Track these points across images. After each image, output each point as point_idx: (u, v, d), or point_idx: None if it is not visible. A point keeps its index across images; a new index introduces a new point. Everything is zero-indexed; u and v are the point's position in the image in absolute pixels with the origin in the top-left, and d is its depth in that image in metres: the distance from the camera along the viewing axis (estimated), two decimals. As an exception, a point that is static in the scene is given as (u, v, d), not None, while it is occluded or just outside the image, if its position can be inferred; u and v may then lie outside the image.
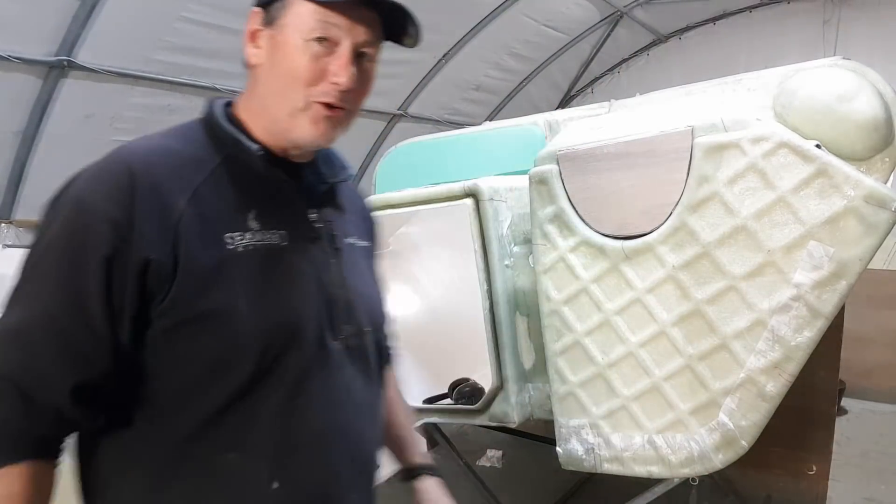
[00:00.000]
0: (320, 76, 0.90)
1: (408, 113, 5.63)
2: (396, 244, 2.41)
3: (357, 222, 1.12)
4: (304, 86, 0.90)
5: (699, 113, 1.52)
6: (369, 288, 1.09)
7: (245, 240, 0.89)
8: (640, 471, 1.59)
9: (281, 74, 0.90)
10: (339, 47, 0.90)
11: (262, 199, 0.93)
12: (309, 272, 0.95)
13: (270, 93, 0.92)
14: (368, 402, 1.04)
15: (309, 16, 0.89)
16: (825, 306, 1.36)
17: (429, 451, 3.28)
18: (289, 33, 0.89)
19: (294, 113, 0.91)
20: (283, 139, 0.94)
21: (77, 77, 3.33)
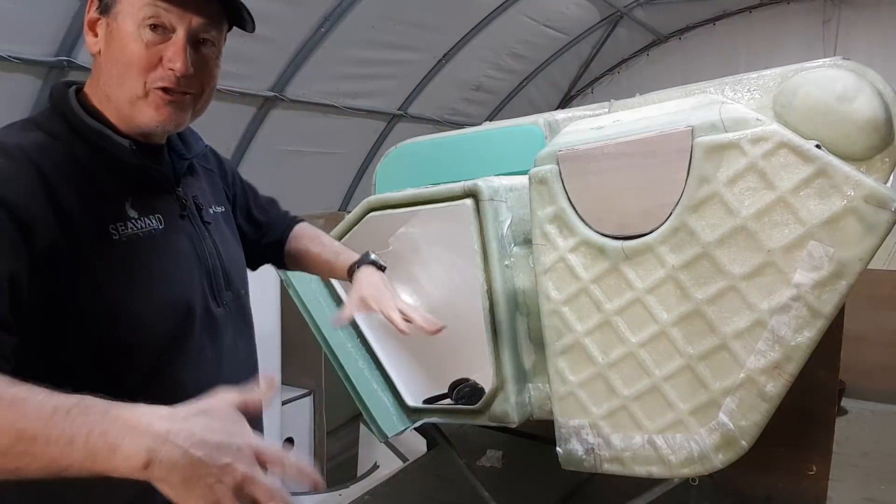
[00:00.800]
0: (156, 62, 0.91)
1: (408, 113, 5.63)
2: (396, 244, 2.41)
3: (215, 189, 1.18)
4: (140, 72, 0.91)
5: (699, 113, 1.52)
6: (236, 251, 1.16)
7: (128, 229, 0.92)
8: (640, 471, 1.59)
9: (117, 62, 0.91)
10: (175, 33, 0.92)
11: (135, 187, 0.97)
12: (188, 249, 1.01)
13: (111, 81, 0.93)
14: (248, 355, 1.14)
15: (140, 3, 0.89)
16: (825, 306, 1.36)
17: (429, 451, 3.28)
18: (122, 21, 0.90)
19: (134, 100, 0.93)
20: (130, 126, 0.96)
21: (77, 77, 3.33)
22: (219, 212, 1.16)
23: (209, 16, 0.95)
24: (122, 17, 0.91)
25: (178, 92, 0.95)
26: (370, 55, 4.74)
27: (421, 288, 2.45)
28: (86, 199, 0.89)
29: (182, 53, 0.92)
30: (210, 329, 1.03)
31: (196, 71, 0.95)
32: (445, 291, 2.44)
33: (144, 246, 0.94)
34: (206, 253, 1.05)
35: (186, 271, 1.01)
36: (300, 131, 4.84)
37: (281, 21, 3.84)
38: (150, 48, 0.91)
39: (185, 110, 0.98)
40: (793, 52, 5.74)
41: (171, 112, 0.95)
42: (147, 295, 0.93)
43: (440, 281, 2.45)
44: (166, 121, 0.96)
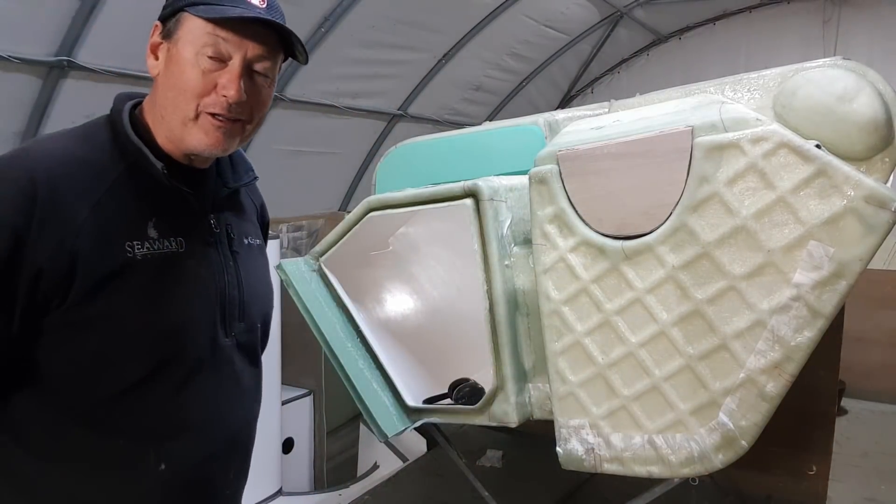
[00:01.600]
0: (210, 89, 0.95)
1: (408, 113, 5.63)
2: (396, 244, 2.41)
3: (253, 221, 1.20)
4: (194, 97, 0.95)
5: (699, 113, 1.52)
6: (263, 286, 1.17)
7: (144, 249, 0.94)
8: (640, 471, 1.59)
9: (174, 86, 0.96)
10: (231, 62, 0.96)
11: (162, 208, 0.99)
12: (205, 276, 1.02)
13: (166, 103, 0.97)
14: (252, 387, 1.15)
15: (200, 31, 0.94)
16: (825, 306, 1.36)
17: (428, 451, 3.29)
18: (182, 47, 0.95)
19: (185, 122, 0.96)
20: (180, 147, 1.00)
21: (77, 77, 3.33)
22: (254, 244, 1.17)
23: (265, 47, 0.99)
24: (182, 43, 0.95)
25: (229, 119, 0.98)
26: (370, 55, 4.74)
27: (421, 288, 2.46)
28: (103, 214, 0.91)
29: (237, 81, 0.96)
30: (211, 357, 1.04)
31: (248, 98, 0.98)
32: (445, 291, 2.44)
33: (157, 267, 0.96)
34: (225, 282, 1.06)
35: (196, 297, 1.01)
36: (300, 131, 4.84)
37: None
38: (206, 75, 0.95)
39: (233, 136, 1.01)
40: (793, 52, 5.74)
41: (221, 137, 0.98)
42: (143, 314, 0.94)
43: (440, 281, 2.45)
44: (214, 145, 0.98)
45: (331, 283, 2.15)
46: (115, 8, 3.18)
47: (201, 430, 1.03)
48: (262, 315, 1.16)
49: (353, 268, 2.21)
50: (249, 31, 0.97)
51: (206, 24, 0.94)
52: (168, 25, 0.98)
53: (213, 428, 1.05)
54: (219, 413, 1.06)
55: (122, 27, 3.21)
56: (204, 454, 1.04)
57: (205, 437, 1.04)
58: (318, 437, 4.01)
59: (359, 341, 2.12)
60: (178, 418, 1.00)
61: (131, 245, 0.93)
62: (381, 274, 2.37)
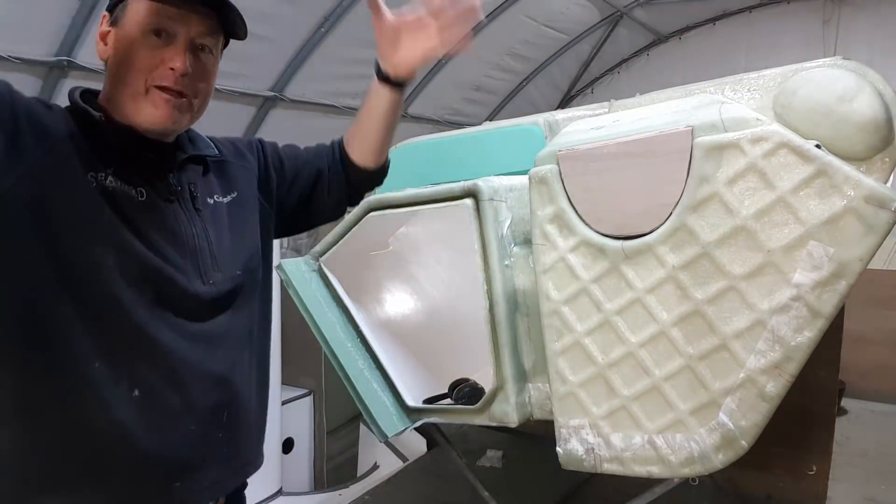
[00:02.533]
0: (157, 63, 1.01)
1: (408, 113, 5.63)
2: (396, 244, 2.41)
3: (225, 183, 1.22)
4: (143, 72, 1.01)
5: (699, 113, 1.52)
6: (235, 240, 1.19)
7: (107, 181, 0.99)
8: (640, 471, 1.59)
9: (123, 64, 1.01)
10: (176, 39, 1.02)
11: (118, 162, 1.02)
12: (170, 225, 1.06)
13: (117, 82, 1.03)
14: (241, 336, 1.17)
15: (145, 11, 1.00)
16: (825, 306, 1.36)
17: (429, 451, 3.29)
18: (129, 29, 1.01)
19: (136, 97, 1.02)
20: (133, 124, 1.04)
21: (77, 77, 3.33)
22: (221, 202, 1.19)
23: (209, 22, 1.05)
24: (129, 25, 1.01)
25: (176, 92, 1.03)
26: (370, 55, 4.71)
27: (421, 288, 2.46)
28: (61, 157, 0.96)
29: (182, 54, 1.02)
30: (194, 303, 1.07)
31: (194, 74, 1.04)
32: (445, 291, 2.44)
33: (121, 202, 1.00)
34: (192, 233, 1.09)
35: (163, 240, 1.05)
36: (300, 131, 4.84)
37: (281, 21, 3.84)
38: (153, 51, 1.01)
39: (182, 112, 1.05)
40: (793, 52, 5.73)
41: (170, 110, 1.03)
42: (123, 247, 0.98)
43: (440, 281, 2.45)
44: (164, 117, 1.03)
45: (331, 283, 2.15)
46: (115, 8, 3.18)
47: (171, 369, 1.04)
48: (241, 264, 1.17)
49: (353, 268, 2.21)
50: (191, 9, 1.02)
51: (150, 4, 1.00)
52: (115, 13, 1.03)
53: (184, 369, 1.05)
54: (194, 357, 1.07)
55: (122, 27, 3.22)
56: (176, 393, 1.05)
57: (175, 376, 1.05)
58: (318, 437, 4.02)
59: (359, 341, 2.12)
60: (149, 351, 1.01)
61: (94, 175, 0.98)
62: (381, 274, 2.37)
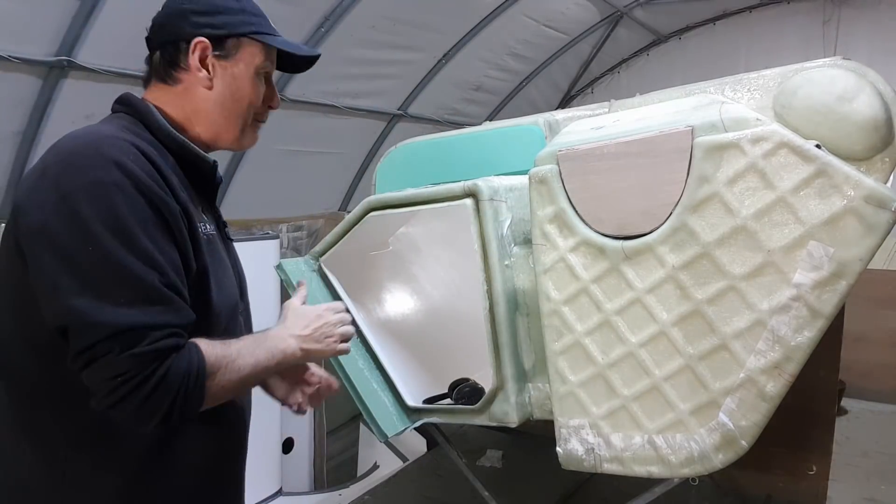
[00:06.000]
0: (262, 101, 1.20)
1: (408, 113, 5.62)
2: (396, 244, 2.41)
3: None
4: (252, 107, 1.18)
5: (699, 113, 1.52)
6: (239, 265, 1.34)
7: (205, 229, 1.11)
8: (640, 471, 1.59)
9: (236, 99, 1.16)
10: (270, 79, 1.21)
11: (201, 195, 1.17)
12: (227, 259, 1.21)
13: (222, 111, 1.15)
14: None
15: (260, 57, 1.17)
16: (825, 306, 1.36)
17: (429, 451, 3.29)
18: (244, 67, 1.16)
19: (244, 128, 1.19)
20: (217, 145, 1.18)
21: (77, 77, 3.33)
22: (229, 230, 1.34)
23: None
24: (243, 64, 1.15)
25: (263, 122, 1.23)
26: (370, 55, 4.73)
27: (421, 288, 2.45)
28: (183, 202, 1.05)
29: (276, 94, 1.23)
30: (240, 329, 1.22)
31: None
32: (445, 291, 2.44)
33: (212, 246, 1.13)
34: (233, 264, 1.24)
35: (230, 276, 1.19)
36: (300, 131, 4.83)
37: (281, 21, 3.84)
38: (261, 90, 1.19)
39: None
40: (793, 52, 5.72)
41: (257, 137, 1.23)
42: (217, 286, 1.10)
43: (440, 281, 2.45)
44: (254, 143, 1.23)
45: (331, 283, 2.15)
46: (115, 8, 3.17)
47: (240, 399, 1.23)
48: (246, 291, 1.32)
49: (353, 268, 2.21)
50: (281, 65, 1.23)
51: (264, 50, 1.17)
52: (226, 47, 1.14)
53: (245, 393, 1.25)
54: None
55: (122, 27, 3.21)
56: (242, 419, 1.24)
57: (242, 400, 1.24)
58: (318, 437, 4.01)
59: (359, 341, 2.12)
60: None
61: (201, 226, 1.09)
62: (381, 274, 2.37)
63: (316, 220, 5.10)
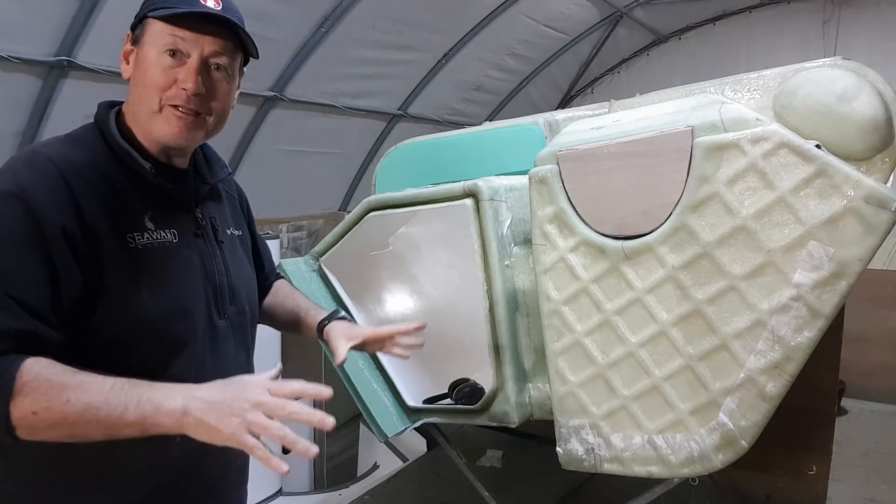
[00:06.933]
0: (171, 83, 1.06)
1: (408, 113, 5.62)
2: (396, 244, 2.41)
3: (234, 214, 1.30)
4: (157, 91, 1.06)
5: (699, 113, 1.52)
6: (247, 272, 1.28)
7: (144, 239, 1.05)
8: (640, 471, 1.59)
9: (141, 82, 1.07)
10: (190, 59, 1.07)
11: (154, 204, 1.09)
12: (196, 264, 1.12)
13: (136, 100, 1.08)
14: (245, 368, 1.24)
15: (161, 32, 1.06)
16: (825, 306, 1.36)
17: (429, 451, 3.28)
18: (147, 49, 1.07)
19: (151, 115, 1.07)
20: (151, 141, 1.09)
21: (77, 77, 3.33)
22: (235, 234, 1.27)
23: (220, 41, 1.09)
24: (147, 46, 1.06)
25: (188, 110, 1.07)
26: (370, 55, 4.73)
27: (421, 288, 2.45)
28: (108, 210, 1.01)
29: (193, 75, 1.06)
30: (212, 338, 1.13)
31: (207, 92, 1.08)
32: (445, 291, 2.44)
33: (157, 255, 1.05)
34: (214, 269, 1.16)
35: (192, 283, 1.11)
36: (300, 131, 4.83)
37: (281, 21, 3.84)
38: (167, 71, 1.05)
39: (196, 129, 1.10)
40: (793, 52, 5.72)
41: (183, 127, 1.07)
42: (154, 299, 1.03)
43: (440, 281, 2.45)
44: (177, 134, 1.08)
45: (331, 283, 2.15)
46: (115, 8, 3.17)
47: None
48: (248, 298, 1.25)
49: (353, 268, 2.21)
50: (204, 29, 1.06)
51: (165, 25, 1.05)
52: (136, 32, 1.09)
53: None
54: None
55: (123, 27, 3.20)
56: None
57: None
58: (318, 437, 4.01)
59: (359, 341, 2.12)
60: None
61: (132, 236, 1.03)
62: (381, 274, 2.37)
63: (316, 220, 5.10)
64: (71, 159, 1.01)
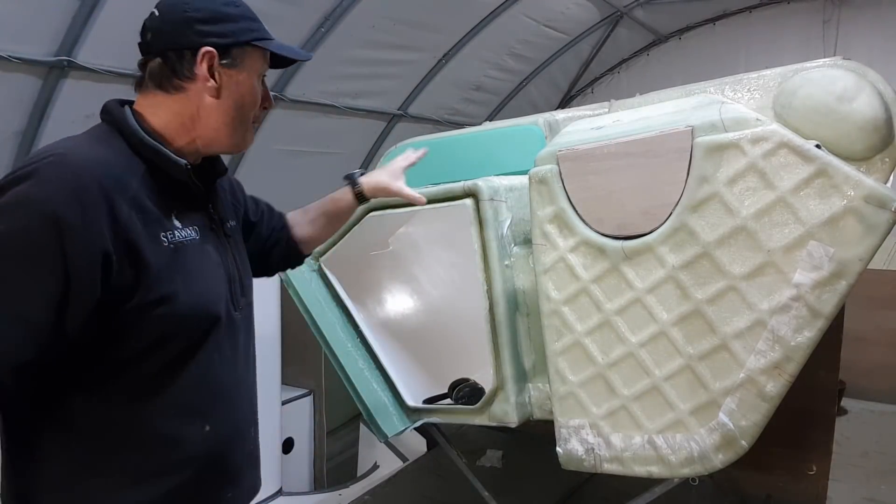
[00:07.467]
0: (260, 102, 1.21)
1: (408, 113, 5.62)
2: (396, 244, 2.41)
3: (230, 205, 1.35)
4: (253, 110, 1.20)
5: (699, 113, 1.52)
6: (248, 263, 1.33)
7: (174, 237, 1.09)
8: (640, 471, 1.59)
9: (240, 105, 1.17)
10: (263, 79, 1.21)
11: (178, 202, 1.13)
12: (216, 258, 1.18)
13: (226, 118, 1.16)
14: (255, 355, 1.32)
15: (261, 62, 1.19)
16: (825, 306, 1.36)
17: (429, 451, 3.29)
18: (248, 74, 1.17)
19: (247, 130, 1.20)
20: (211, 150, 1.19)
21: (77, 77, 3.33)
22: (235, 226, 1.32)
23: None
24: (248, 72, 1.17)
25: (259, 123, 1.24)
26: (370, 55, 4.73)
27: (421, 288, 2.45)
28: (142, 212, 1.04)
29: (270, 95, 1.24)
30: (229, 330, 1.19)
31: None
32: (445, 291, 2.44)
33: (186, 252, 1.10)
34: (228, 262, 1.21)
35: (215, 277, 1.17)
36: (300, 131, 4.83)
37: (281, 21, 3.84)
38: (259, 94, 1.20)
39: None
40: (793, 52, 5.72)
41: (252, 138, 1.23)
42: (187, 294, 1.07)
43: (440, 281, 2.45)
44: (250, 143, 1.23)
45: (331, 283, 2.15)
46: (115, 8, 3.17)
47: (229, 395, 1.19)
48: (251, 289, 1.32)
49: (353, 268, 2.21)
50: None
51: (263, 54, 1.19)
52: (234, 52, 1.15)
53: (236, 392, 1.21)
54: (239, 378, 1.22)
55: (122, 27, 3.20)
56: (234, 415, 1.21)
57: (232, 400, 1.20)
58: (318, 437, 4.01)
59: (359, 341, 2.12)
60: (213, 385, 1.15)
61: (165, 235, 1.07)
62: (381, 274, 2.37)
63: (316, 220, 5.09)
64: (103, 162, 1.02)
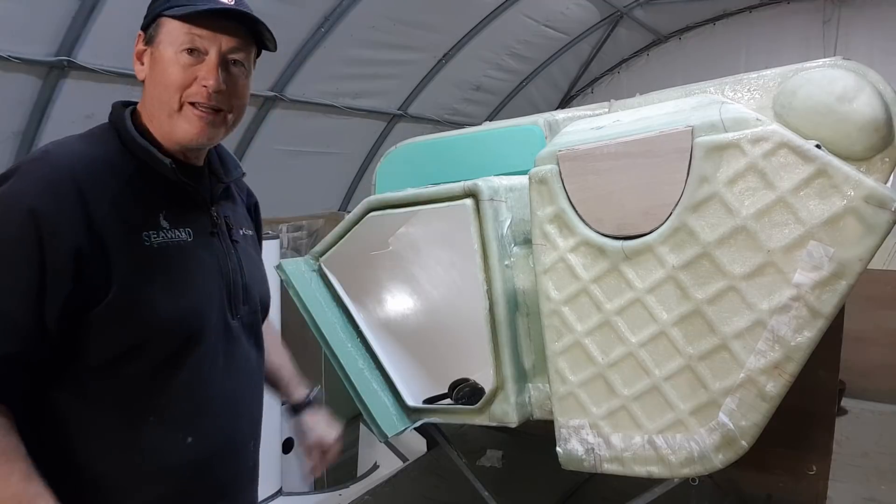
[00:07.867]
0: (191, 81, 1.05)
1: (408, 113, 5.63)
2: (396, 244, 2.41)
3: (246, 214, 1.31)
4: (177, 90, 1.05)
5: (699, 113, 1.52)
6: (261, 271, 1.29)
7: (159, 238, 1.04)
8: (640, 471, 1.59)
9: (159, 83, 1.06)
10: (208, 55, 1.06)
11: (170, 202, 1.09)
12: (211, 263, 1.12)
13: (154, 101, 1.07)
14: (258, 368, 1.26)
15: (177, 31, 1.04)
16: (825, 306, 1.36)
17: (429, 451, 3.29)
18: (164, 49, 1.05)
19: (171, 115, 1.06)
20: (171, 141, 1.09)
21: (77, 77, 3.33)
22: (248, 234, 1.28)
23: (237, 39, 1.08)
24: (163, 45, 1.05)
25: (209, 108, 1.07)
26: (370, 55, 4.74)
27: (421, 288, 2.46)
28: (122, 209, 1.01)
29: (214, 71, 1.05)
30: (225, 338, 1.13)
31: (227, 90, 1.08)
32: (445, 291, 2.44)
33: (172, 254, 1.05)
34: (228, 268, 1.16)
35: (206, 282, 1.11)
36: (300, 131, 4.84)
37: (281, 21, 3.84)
38: (186, 69, 1.05)
39: (217, 126, 1.10)
40: (793, 52, 5.73)
41: (204, 126, 1.07)
42: (167, 297, 1.03)
43: (440, 281, 2.45)
44: (199, 134, 1.07)
45: (331, 283, 2.15)
46: (115, 8, 3.18)
47: (221, 407, 1.13)
48: (261, 297, 1.26)
49: (353, 268, 2.21)
50: (221, 26, 1.06)
51: (181, 24, 1.04)
52: (149, 32, 1.07)
53: (231, 404, 1.15)
54: (235, 391, 1.16)
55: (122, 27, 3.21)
56: (225, 429, 1.14)
57: (225, 412, 1.14)
58: (318, 437, 4.01)
59: (359, 341, 2.12)
60: (200, 395, 1.09)
61: (147, 235, 1.03)
62: (381, 274, 2.37)
63: (316, 220, 5.10)
64: (85, 156, 1.01)
